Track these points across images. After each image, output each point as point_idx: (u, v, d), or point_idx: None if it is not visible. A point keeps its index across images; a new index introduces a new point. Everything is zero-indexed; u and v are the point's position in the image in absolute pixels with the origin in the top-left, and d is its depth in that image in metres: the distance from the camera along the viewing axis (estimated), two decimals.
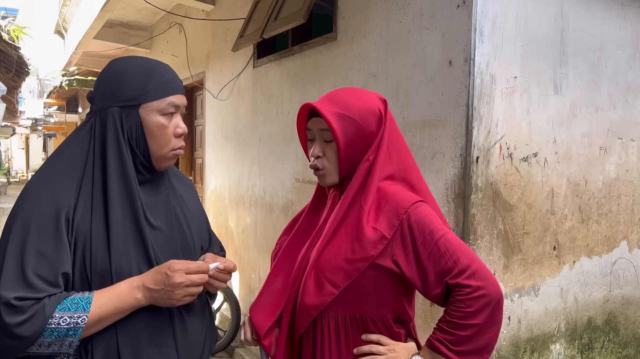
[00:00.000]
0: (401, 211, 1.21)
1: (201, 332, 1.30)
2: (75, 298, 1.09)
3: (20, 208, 1.12)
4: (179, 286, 1.13)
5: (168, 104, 1.21)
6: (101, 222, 1.14)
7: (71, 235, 1.11)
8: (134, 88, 1.18)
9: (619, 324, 2.71)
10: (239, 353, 4.09)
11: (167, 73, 1.23)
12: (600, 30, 2.50)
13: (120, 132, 1.17)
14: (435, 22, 2.36)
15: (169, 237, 1.25)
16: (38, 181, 1.16)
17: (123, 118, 1.18)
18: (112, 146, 1.17)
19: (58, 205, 1.11)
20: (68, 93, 15.00)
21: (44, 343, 1.06)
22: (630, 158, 2.68)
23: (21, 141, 30.05)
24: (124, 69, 1.20)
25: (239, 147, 4.49)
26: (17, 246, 1.07)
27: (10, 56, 6.33)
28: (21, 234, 1.08)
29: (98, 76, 1.23)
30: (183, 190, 1.38)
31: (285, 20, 3.38)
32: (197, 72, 5.36)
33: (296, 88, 3.59)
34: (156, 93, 1.19)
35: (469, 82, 2.17)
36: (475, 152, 2.16)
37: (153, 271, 1.16)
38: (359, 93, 1.32)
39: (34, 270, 1.06)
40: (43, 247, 1.08)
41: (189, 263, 1.17)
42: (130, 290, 1.13)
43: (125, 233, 1.15)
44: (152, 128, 1.20)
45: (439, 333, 1.21)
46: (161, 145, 1.22)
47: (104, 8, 5.46)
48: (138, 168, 1.21)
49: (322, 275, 1.24)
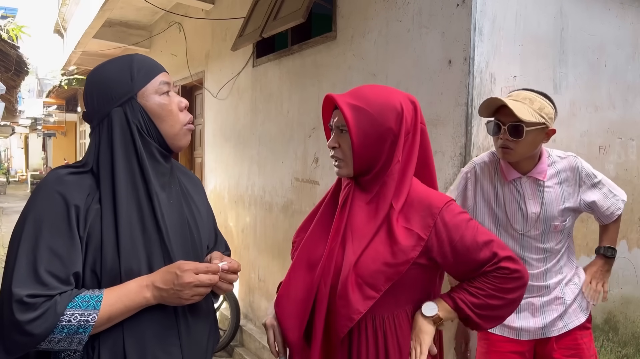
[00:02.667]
0: (435, 212, 1.27)
1: (205, 331, 1.31)
2: (86, 296, 1.10)
3: (33, 205, 1.13)
4: (188, 286, 1.14)
5: (160, 83, 1.23)
6: (111, 222, 1.15)
7: (83, 233, 1.12)
8: (123, 84, 1.19)
9: (618, 323, 2.71)
10: (238, 352, 4.09)
11: (145, 59, 1.26)
12: (600, 30, 2.50)
13: (127, 130, 1.19)
14: (434, 21, 2.36)
15: (181, 235, 1.25)
16: (52, 180, 1.16)
17: (127, 114, 1.19)
18: (120, 147, 1.18)
19: (71, 204, 1.12)
20: (67, 93, 14.99)
21: (54, 339, 1.07)
22: (629, 157, 2.68)
23: (20, 140, 30.03)
24: (104, 74, 1.22)
25: (239, 147, 4.49)
26: (29, 244, 1.09)
27: (9, 55, 6.33)
28: (34, 231, 1.10)
29: (84, 92, 1.24)
30: (191, 187, 1.39)
31: (284, 19, 3.38)
32: (197, 71, 5.35)
33: (296, 88, 3.59)
34: (144, 77, 1.21)
35: (468, 81, 2.17)
36: (475, 151, 2.16)
37: (162, 271, 1.17)
38: (383, 89, 1.33)
39: (47, 268, 1.07)
40: (55, 245, 1.09)
41: (198, 263, 1.18)
42: (139, 289, 1.14)
43: (135, 233, 1.16)
44: (156, 110, 1.22)
45: (466, 295, 1.30)
46: (171, 124, 1.24)
47: (103, 7, 5.45)
48: (156, 156, 1.23)
49: (363, 280, 1.24)
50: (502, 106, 1.76)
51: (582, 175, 1.88)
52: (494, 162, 1.92)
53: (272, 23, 3.53)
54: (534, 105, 1.74)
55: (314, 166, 3.38)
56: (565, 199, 1.87)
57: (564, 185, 1.87)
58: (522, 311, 1.89)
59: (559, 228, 1.87)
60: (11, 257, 1.09)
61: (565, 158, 1.90)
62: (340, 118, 1.29)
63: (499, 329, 1.90)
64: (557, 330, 1.89)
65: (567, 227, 1.91)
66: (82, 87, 11.80)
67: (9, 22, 7.10)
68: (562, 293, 1.90)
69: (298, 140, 3.55)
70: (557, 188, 1.86)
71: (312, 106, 3.39)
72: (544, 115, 1.74)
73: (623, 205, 1.96)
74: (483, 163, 1.93)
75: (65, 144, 20.16)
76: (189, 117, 1.28)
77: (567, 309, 1.90)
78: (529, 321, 1.89)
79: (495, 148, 1.86)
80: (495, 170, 1.90)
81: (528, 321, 1.89)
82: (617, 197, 1.94)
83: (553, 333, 1.89)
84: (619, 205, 1.94)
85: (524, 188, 1.85)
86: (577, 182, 1.89)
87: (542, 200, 1.84)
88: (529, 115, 1.71)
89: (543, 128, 1.76)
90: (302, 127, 3.51)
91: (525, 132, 1.72)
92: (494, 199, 1.89)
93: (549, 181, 1.85)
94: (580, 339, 1.91)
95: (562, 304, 1.89)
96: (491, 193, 1.90)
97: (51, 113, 18.97)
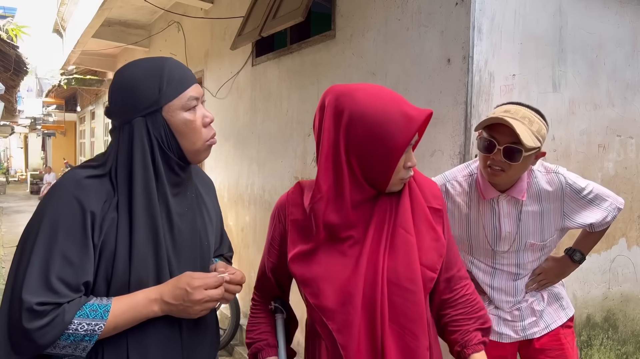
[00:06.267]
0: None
1: (207, 342, 1.31)
2: (94, 305, 1.10)
3: (49, 207, 1.11)
4: (198, 303, 1.14)
5: (189, 99, 1.18)
6: (126, 233, 1.13)
7: (98, 241, 1.11)
8: (150, 94, 1.15)
9: (617, 321, 2.71)
10: (238, 351, 4.09)
11: (178, 68, 1.20)
12: (599, 28, 2.50)
13: (146, 143, 1.15)
14: (433, 20, 2.36)
15: (191, 243, 1.24)
16: (70, 183, 1.14)
17: (149, 127, 1.16)
18: (139, 158, 1.15)
19: (87, 211, 1.11)
20: (67, 92, 14.98)
21: (59, 345, 1.07)
22: (628, 155, 2.68)
23: (20, 140, 30.02)
24: (134, 77, 1.17)
25: (238, 146, 4.49)
26: (43, 249, 1.07)
27: (8, 55, 6.33)
28: (49, 236, 1.08)
29: (110, 89, 1.20)
30: (205, 191, 1.37)
31: (283, 18, 3.38)
32: (196, 70, 5.35)
33: (295, 87, 3.59)
34: (173, 91, 1.17)
35: (467, 80, 2.17)
36: (474, 150, 2.16)
37: (172, 286, 1.15)
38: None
39: (58, 275, 1.06)
40: (69, 252, 1.08)
41: (207, 278, 1.17)
42: (147, 302, 1.13)
43: (147, 244, 1.15)
44: (180, 127, 1.18)
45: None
46: (193, 141, 1.20)
47: (102, 7, 5.45)
48: (174, 169, 1.20)
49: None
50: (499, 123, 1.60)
51: (567, 191, 1.73)
52: (467, 179, 1.78)
53: (271, 22, 3.53)
54: (533, 127, 1.59)
55: (313, 165, 3.38)
56: (544, 218, 1.75)
57: (545, 203, 1.74)
58: (500, 320, 1.84)
59: (537, 247, 1.77)
60: (23, 259, 1.08)
61: (548, 173, 1.75)
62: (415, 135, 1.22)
63: None
64: (539, 331, 1.84)
65: (548, 245, 1.80)
66: (82, 87, 11.84)
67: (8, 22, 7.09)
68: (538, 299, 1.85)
69: (297, 139, 3.55)
70: (536, 207, 1.73)
71: (311, 105, 3.39)
72: (540, 138, 1.60)
73: (618, 212, 1.80)
74: (455, 180, 1.79)
75: (65, 144, 20.15)
76: (212, 133, 1.24)
77: (546, 309, 1.85)
78: (508, 329, 1.84)
79: (481, 166, 1.69)
80: (470, 186, 1.77)
81: (508, 328, 1.84)
82: (613, 205, 1.78)
83: (535, 335, 1.83)
84: (614, 213, 1.79)
85: (500, 206, 1.73)
86: (561, 199, 1.74)
87: (519, 219, 1.73)
88: (530, 140, 1.56)
89: (536, 152, 1.63)
90: (301, 125, 3.51)
91: (522, 156, 1.57)
92: (467, 215, 1.78)
93: (528, 201, 1.72)
94: (564, 338, 1.85)
95: (539, 305, 1.84)
96: (465, 210, 1.78)
97: (50, 113, 18.96)
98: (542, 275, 1.84)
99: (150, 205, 1.16)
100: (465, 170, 1.81)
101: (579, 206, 1.76)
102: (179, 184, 1.24)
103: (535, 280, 1.84)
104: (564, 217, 1.76)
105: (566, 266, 1.88)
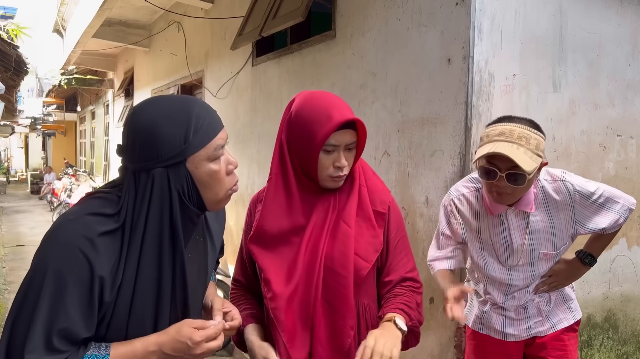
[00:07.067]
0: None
1: None
2: (92, 356, 1.08)
3: (55, 262, 1.03)
4: (199, 357, 1.13)
5: (215, 148, 1.10)
6: (130, 290, 1.09)
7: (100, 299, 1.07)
8: (175, 144, 1.05)
9: (618, 321, 2.71)
10: (238, 351, 4.09)
11: (205, 113, 1.12)
12: (599, 28, 2.50)
13: (166, 195, 1.08)
14: (434, 20, 2.36)
15: (193, 290, 1.21)
16: (81, 236, 1.04)
17: (170, 179, 1.07)
18: (156, 213, 1.08)
19: (96, 276, 1.04)
20: (67, 92, 14.99)
21: None
22: (629, 155, 2.68)
23: (20, 140, 30.02)
24: (157, 123, 1.06)
25: (238, 146, 4.49)
26: (48, 306, 1.02)
27: (8, 55, 6.33)
28: (54, 293, 1.03)
29: (127, 129, 1.09)
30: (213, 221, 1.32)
31: (283, 18, 3.38)
32: (196, 70, 5.35)
33: (295, 87, 3.59)
34: (201, 141, 1.08)
35: (467, 80, 2.17)
36: (474, 150, 2.16)
37: (172, 338, 1.11)
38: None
39: (61, 333, 1.03)
40: (75, 313, 1.04)
41: (208, 330, 1.13)
42: (145, 354, 1.11)
43: (149, 297, 1.12)
44: (204, 178, 1.10)
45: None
46: (216, 191, 1.13)
47: (103, 7, 5.45)
48: (192, 218, 1.14)
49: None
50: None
51: (577, 198, 1.69)
52: (474, 194, 1.77)
53: (271, 22, 3.53)
54: (531, 145, 1.54)
55: None
56: (555, 227, 1.72)
57: (554, 212, 1.71)
58: (506, 319, 1.84)
59: (550, 256, 1.76)
60: (25, 312, 1.03)
61: (555, 182, 1.71)
62: (353, 136, 1.31)
63: (486, 330, 1.88)
64: (545, 331, 1.84)
65: (561, 253, 1.79)
66: (82, 87, 11.83)
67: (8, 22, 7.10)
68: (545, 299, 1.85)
69: None
70: (545, 217, 1.71)
71: None
72: (540, 153, 1.56)
73: (630, 213, 1.76)
74: (462, 196, 1.79)
75: (65, 143, 20.16)
76: (235, 180, 1.17)
77: (553, 309, 1.85)
78: (513, 328, 1.84)
79: (486, 191, 1.67)
80: (477, 201, 1.76)
81: (513, 328, 1.84)
82: (624, 207, 1.73)
83: (540, 334, 1.84)
84: (626, 215, 1.74)
85: (509, 219, 1.71)
86: (571, 206, 1.71)
87: (529, 231, 1.71)
88: (531, 163, 1.51)
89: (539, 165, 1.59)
90: None
91: (527, 180, 1.53)
92: (478, 233, 1.78)
93: (536, 211, 1.70)
94: (568, 341, 1.85)
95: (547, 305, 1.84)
96: (475, 227, 1.77)
97: (51, 113, 18.96)
98: (552, 277, 1.82)
99: (160, 252, 1.11)
100: (470, 184, 1.79)
101: (591, 211, 1.72)
102: (193, 230, 1.18)
103: (546, 282, 1.82)
104: (575, 224, 1.74)
105: (577, 268, 1.86)
